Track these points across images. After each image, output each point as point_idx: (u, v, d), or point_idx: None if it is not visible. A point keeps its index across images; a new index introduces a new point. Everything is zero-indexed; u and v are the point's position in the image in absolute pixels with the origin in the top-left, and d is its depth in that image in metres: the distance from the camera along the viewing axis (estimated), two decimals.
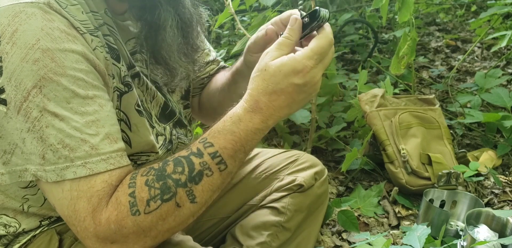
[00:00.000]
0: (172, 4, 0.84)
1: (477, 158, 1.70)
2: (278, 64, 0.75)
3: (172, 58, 0.88)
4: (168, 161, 0.75)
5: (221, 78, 1.11)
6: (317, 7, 0.78)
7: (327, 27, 0.79)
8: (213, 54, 1.17)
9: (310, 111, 1.71)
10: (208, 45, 1.16)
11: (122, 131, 0.84)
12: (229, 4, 1.64)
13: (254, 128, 0.75)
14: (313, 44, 0.76)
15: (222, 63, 1.19)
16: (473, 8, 3.48)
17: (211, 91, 1.14)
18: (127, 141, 0.85)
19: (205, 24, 1.01)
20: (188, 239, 0.89)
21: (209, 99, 1.15)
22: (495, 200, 1.52)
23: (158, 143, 0.91)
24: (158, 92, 0.94)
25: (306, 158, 1.20)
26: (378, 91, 1.75)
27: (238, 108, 0.77)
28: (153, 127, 0.91)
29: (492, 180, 1.58)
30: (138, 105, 0.86)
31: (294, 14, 0.82)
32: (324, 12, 0.78)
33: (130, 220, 0.71)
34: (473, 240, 1.12)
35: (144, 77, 0.90)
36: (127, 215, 0.71)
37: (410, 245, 0.99)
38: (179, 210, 0.73)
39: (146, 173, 0.73)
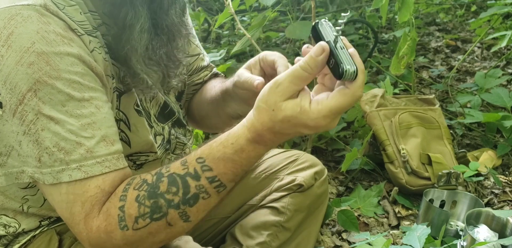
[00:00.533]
0: (146, 5, 0.78)
1: (477, 158, 1.70)
2: (288, 115, 0.66)
3: (133, 61, 0.80)
4: (162, 176, 0.73)
5: (212, 89, 1.09)
6: (343, 67, 0.61)
7: (357, 82, 0.64)
8: (207, 59, 1.16)
9: None
10: (202, 51, 1.15)
11: (122, 130, 0.84)
12: (229, 4, 1.64)
13: (257, 155, 0.73)
14: (334, 102, 0.64)
15: (214, 70, 1.17)
16: (473, 8, 3.47)
17: (201, 100, 1.12)
18: (127, 141, 0.85)
19: (189, 37, 0.98)
20: (188, 239, 0.89)
21: (198, 107, 1.13)
22: (495, 200, 1.52)
23: (156, 143, 0.91)
24: (158, 92, 0.94)
25: (306, 157, 1.20)
26: (378, 91, 1.75)
27: (240, 138, 0.70)
28: (151, 127, 0.90)
29: (492, 180, 1.58)
30: (137, 105, 0.86)
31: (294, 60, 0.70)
32: (350, 71, 0.61)
33: (118, 233, 0.71)
34: (473, 240, 1.12)
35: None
36: (116, 228, 0.71)
37: (410, 245, 0.98)
38: (171, 228, 0.72)
39: (139, 187, 0.72)
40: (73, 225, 0.72)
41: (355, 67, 0.62)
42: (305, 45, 0.70)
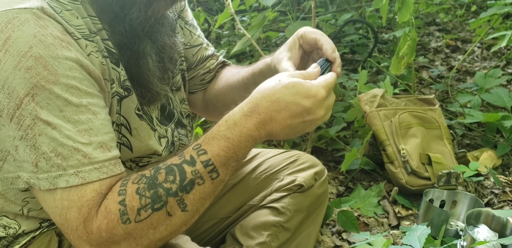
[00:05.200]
0: (150, 35, 0.86)
1: (477, 158, 1.70)
2: (295, 81, 0.76)
3: (153, 83, 0.88)
4: (160, 168, 0.74)
5: (233, 75, 1.10)
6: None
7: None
8: (211, 49, 1.17)
9: None
10: (205, 40, 1.15)
11: (123, 135, 0.84)
12: (229, 4, 1.65)
13: (248, 134, 0.74)
14: (326, 76, 0.80)
15: (221, 58, 1.18)
16: (473, 8, 3.47)
17: (221, 89, 1.13)
18: (128, 146, 0.85)
19: (180, 52, 1.03)
20: (187, 240, 0.89)
21: (219, 97, 1.13)
22: (495, 200, 1.52)
23: (161, 145, 0.91)
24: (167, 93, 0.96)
25: (306, 158, 1.20)
26: (378, 91, 1.75)
27: (235, 111, 0.76)
28: (155, 130, 0.91)
29: (492, 180, 1.58)
30: (139, 109, 0.86)
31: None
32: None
33: (120, 228, 0.71)
34: (473, 240, 1.12)
35: None
36: (118, 224, 0.70)
37: (410, 245, 0.99)
38: (170, 219, 0.72)
39: (138, 181, 0.73)
40: (68, 231, 0.72)
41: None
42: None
